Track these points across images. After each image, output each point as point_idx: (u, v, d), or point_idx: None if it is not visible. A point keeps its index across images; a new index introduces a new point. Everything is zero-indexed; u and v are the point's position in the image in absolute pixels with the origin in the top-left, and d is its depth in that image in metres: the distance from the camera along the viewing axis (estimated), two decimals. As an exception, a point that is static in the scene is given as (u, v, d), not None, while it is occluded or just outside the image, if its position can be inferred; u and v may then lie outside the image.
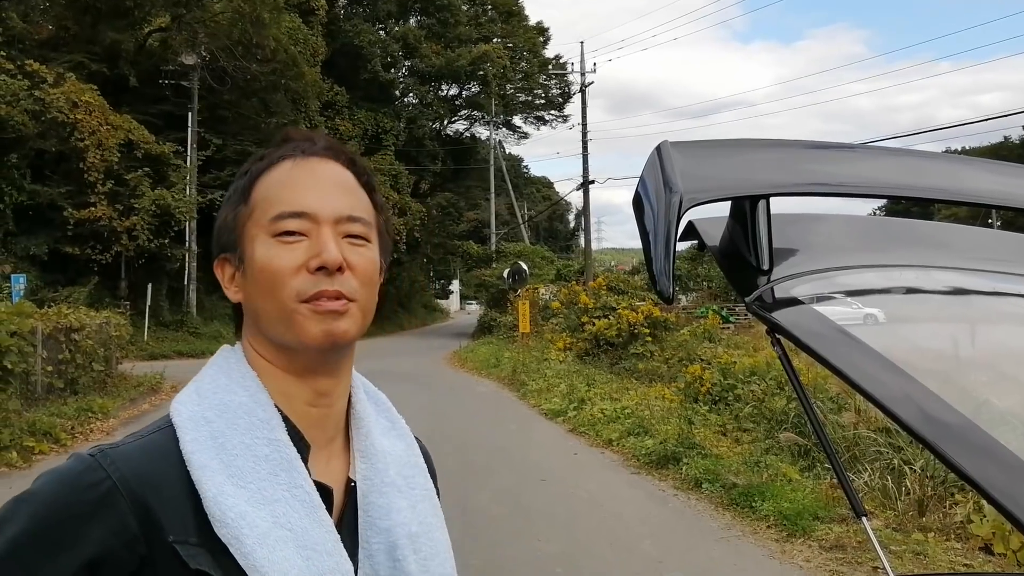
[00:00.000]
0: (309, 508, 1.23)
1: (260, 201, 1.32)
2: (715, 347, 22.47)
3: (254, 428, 1.25)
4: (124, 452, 1.22)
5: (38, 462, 12.98)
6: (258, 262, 1.28)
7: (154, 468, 1.20)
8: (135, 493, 1.17)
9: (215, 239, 1.38)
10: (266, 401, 1.29)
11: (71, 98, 30.95)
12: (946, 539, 8.37)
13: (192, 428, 1.24)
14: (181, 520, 1.17)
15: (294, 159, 1.34)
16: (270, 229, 1.29)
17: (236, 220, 1.34)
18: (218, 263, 1.38)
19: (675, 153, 1.36)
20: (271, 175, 1.34)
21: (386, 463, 1.40)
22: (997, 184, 1.61)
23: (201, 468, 1.19)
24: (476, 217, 79.57)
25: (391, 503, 1.36)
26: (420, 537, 1.38)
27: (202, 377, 1.34)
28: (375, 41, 58.12)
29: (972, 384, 1.50)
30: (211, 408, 1.27)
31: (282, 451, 1.25)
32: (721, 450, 12.50)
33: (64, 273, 32.50)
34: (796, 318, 1.34)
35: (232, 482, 1.20)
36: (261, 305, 1.30)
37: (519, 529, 9.24)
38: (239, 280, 1.34)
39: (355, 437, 1.40)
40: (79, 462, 1.20)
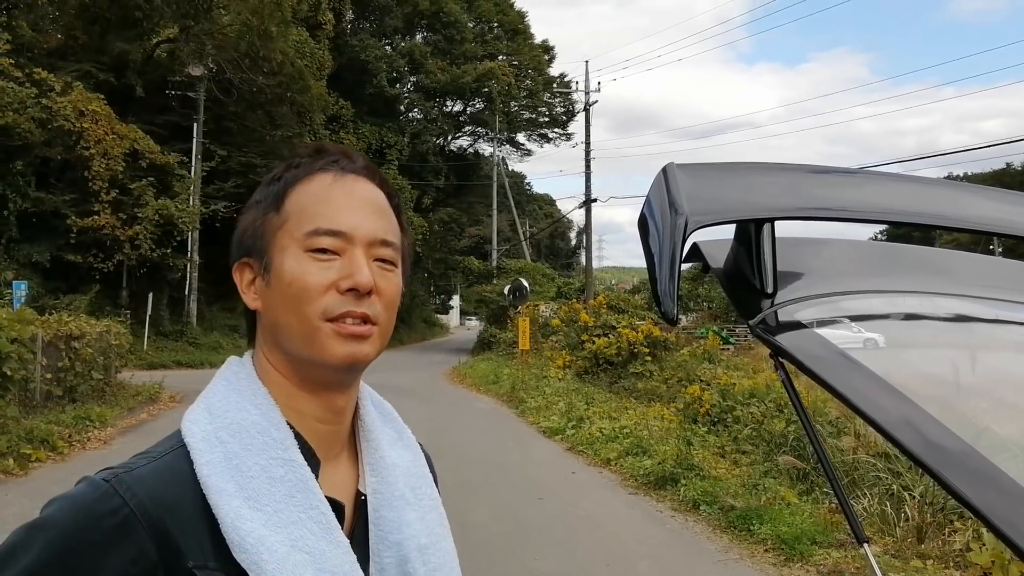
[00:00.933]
0: (326, 530, 1.22)
1: (295, 212, 1.30)
2: (715, 368, 22.44)
3: (268, 448, 1.24)
4: (139, 477, 1.19)
5: (35, 469, 12.98)
6: (288, 275, 1.27)
7: (170, 492, 1.18)
8: (153, 519, 1.15)
9: (236, 242, 1.37)
10: (279, 420, 1.27)
11: (78, 107, 31.01)
12: (945, 567, 8.35)
13: (206, 450, 1.22)
14: (199, 544, 1.16)
15: (333, 174, 1.33)
16: (304, 243, 1.28)
17: (265, 226, 1.32)
18: (238, 267, 1.36)
19: (681, 175, 1.37)
20: (307, 187, 1.32)
21: (395, 476, 1.39)
22: (999, 212, 1.61)
23: (218, 492, 1.18)
24: (478, 233, 79.64)
25: (401, 517, 1.36)
26: (429, 548, 1.38)
27: (212, 393, 1.32)
28: (381, 56, 58.31)
29: (972, 411, 1.51)
30: (224, 428, 1.25)
31: (297, 472, 1.24)
32: (719, 472, 12.48)
33: (66, 281, 32.50)
34: (799, 341, 1.34)
35: (248, 505, 1.19)
36: (284, 318, 1.28)
37: (516, 547, 9.23)
38: (260, 287, 1.32)
39: (364, 450, 1.40)
40: (94, 488, 1.17)
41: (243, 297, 1.35)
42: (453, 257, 64.96)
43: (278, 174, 1.36)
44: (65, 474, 12.66)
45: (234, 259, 1.37)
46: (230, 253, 1.38)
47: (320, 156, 1.36)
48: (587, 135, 50.87)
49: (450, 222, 67.16)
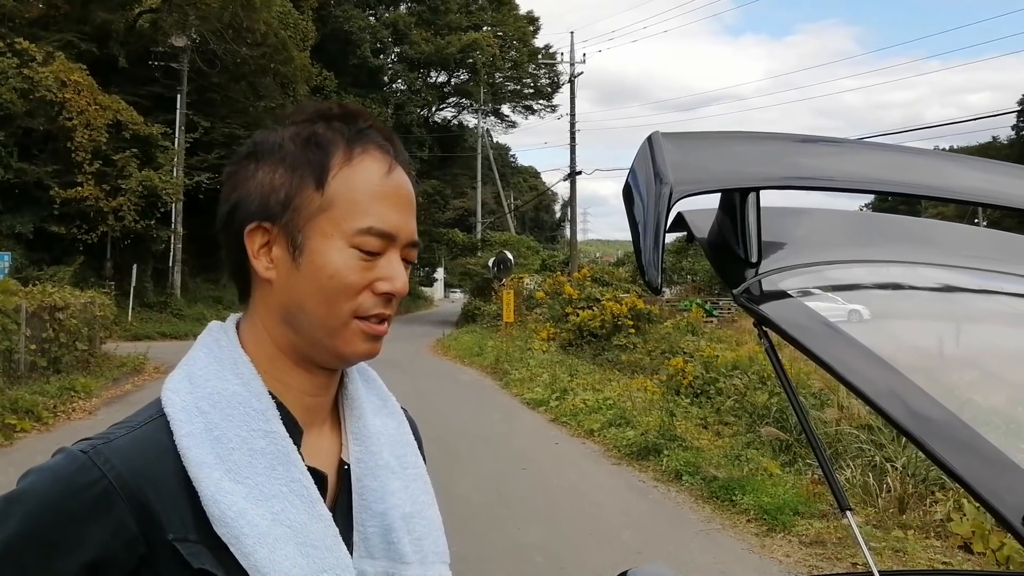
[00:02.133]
0: (308, 503, 1.21)
1: (344, 201, 1.24)
2: (698, 340, 22.46)
3: (249, 419, 1.21)
4: (117, 448, 1.16)
5: (20, 439, 12.96)
6: (330, 266, 1.23)
7: (149, 464, 1.16)
8: (132, 491, 1.13)
9: (254, 199, 1.27)
10: (260, 390, 1.25)
11: (60, 77, 30.83)
12: (926, 537, 8.40)
13: (186, 420, 1.19)
14: (180, 517, 1.15)
15: (385, 164, 1.27)
16: (352, 239, 1.23)
17: (301, 201, 1.25)
18: (254, 229, 1.27)
19: (666, 144, 1.36)
20: (356, 173, 1.25)
21: (379, 444, 1.37)
22: (984, 182, 1.61)
23: (198, 465, 1.16)
24: (462, 205, 79.42)
25: (385, 486, 1.34)
26: (414, 517, 1.36)
27: (193, 361, 1.28)
28: (365, 27, 58.07)
29: (956, 383, 1.51)
30: (204, 398, 1.22)
31: (278, 444, 1.22)
32: (702, 443, 12.51)
33: (49, 252, 32.44)
34: (783, 311, 1.34)
35: (229, 478, 1.17)
36: (311, 305, 1.24)
37: (499, 517, 9.26)
38: (281, 261, 1.26)
39: (348, 418, 1.37)
40: (71, 460, 1.15)
41: (253, 262, 1.27)
42: (437, 229, 64.73)
43: (316, 139, 1.27)
44: (50, 444, 12.51)
45: (247, 219, 1.27)
46: (227, 202, 1.30)
47: (354, 125, 1.29)
48: (572, 107, 50.80)
49: (434, 194, 66.92)
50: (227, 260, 1.33)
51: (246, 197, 1.28)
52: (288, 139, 1.28)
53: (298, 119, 1.31)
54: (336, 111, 1.31)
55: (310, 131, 1.28)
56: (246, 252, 1.27)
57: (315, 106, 1.33)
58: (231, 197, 1.29)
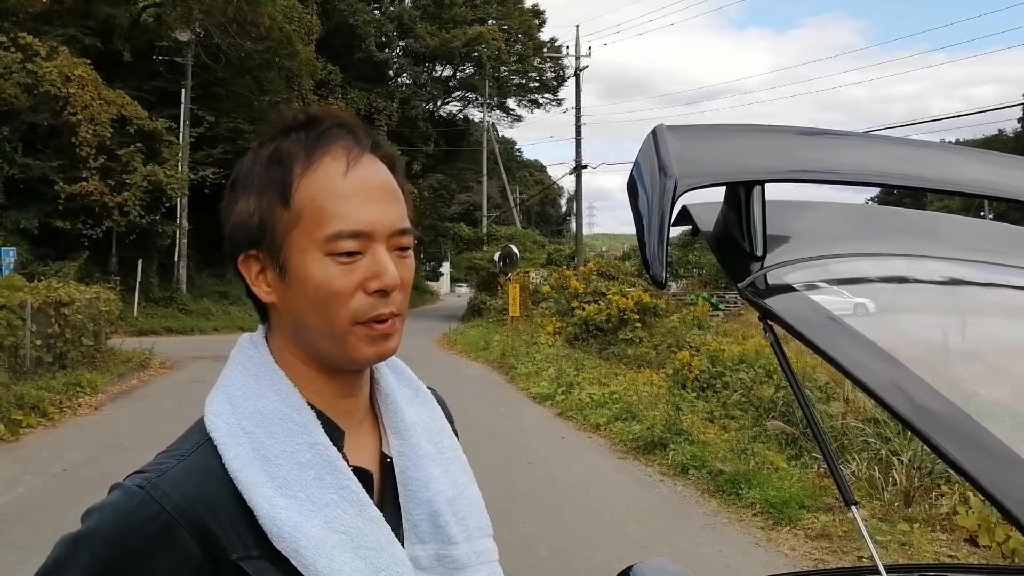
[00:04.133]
0: (358, 507, 1.24)
1: (309, 210, 1.23)
2: (704, 334, 22.43)
3: (293, 434, 1.24)
4: (171, 479, 1.19)
5: (26, 435, 12.98)
6: (312, 280, 1.23)
7: (204, 490, 1.19)
8: (192, 520, 1.16)
9: (239, 229, 1.29)
10: (299, 403, 1.27)
11: (64, 72, 30.82)
12: (931, 530, 8.40)
13: (232, 443, 1.22)
14: (240, 537, 1.18)
15: (343, 161, 1.26)
16: (325, 247, 1.23)
17: (274, 221, 1.25)
18: (244, 260, 1.29)
19: (671, 137, 1.36)
20: (317, 178, 1.25)
21: (417, 435, 1.41)
22: (989, 175, 1.61)
23: (250, 485, 1.19)
24: (468, 200, 79.49)
25: (428, 474, 1.38)
26: (457, 499, 1.41)
27: (230, 380, 1.30)
28: (370, 21, 57.99)
29: (961, 376, 1.51)
30: (247, 417, 1.25)
31: (323, 454, 1.24)
32: (708, 437, 12.50)
33: (54, 247, 32.45)
34: (789, 305, 1.34)
35: (281, 493, 1.20)
36: (310, 319, 1.26)
37: (505, 511, 9.25)
38: (275, 283, 1.28)
39: (384, 413, 1.41)
40: (130, 497, 1.17)
41: (254, 289, 1.30)
42: (443, 224, 64.79)
43: (277, 155, 1.27)
44: (56, 440, 12.66)
45: (237, 250, 1.30)
46: (225, 237, 1.32)
47: (316, 129, 1.28)
48: (577, 101, 50.85)
49: (440, 189, 67.00)
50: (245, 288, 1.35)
51: (233, 229, 1.30)
52: (256, 163, 1.30)
53: (265, 137, 1.32)
54: (299, 119, 1.31)
55: (272, 148, 1.29)
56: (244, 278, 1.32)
57: (282, 118, 1.33)
58: (225, 230, 1.32)
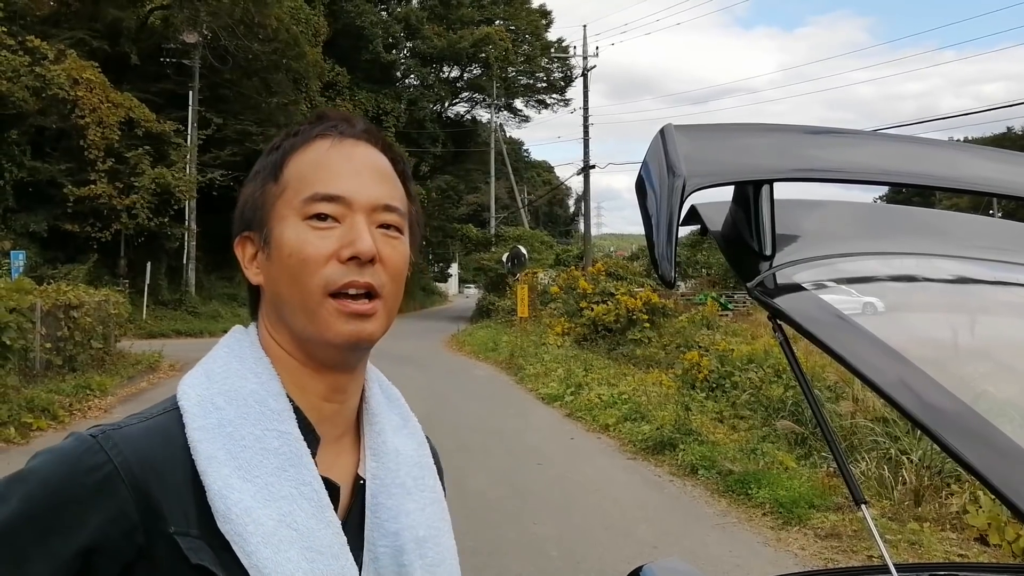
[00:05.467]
0: (317, 507, 1.19)
1: (292, 180, 1.26)
2: (713, 334, 22.40)
3: (264, 419, 1.20)
4: (127, 434, 1.16)
5: (36, 438, 13.00)
6: (287, 245, 1.23)
7: (158, 453, 1.16)
8: (137, 479, 1.12)
9: (238, 215, 1.33)
10: (278, 391, 1.24)
11: (72, 75, 30.89)
12: (941, 529, 8.39)
13: (200, 414, 1.19)
14: (183, 511, 1.14)
15: (331, 139, 1.29)
16: (302, 211, 1.23)
17: (264, 197, 1.28)
18: (239, 241, 1.32)
19: (679, 137, 1.36)
20: (305, 154, 1.28)
21: (397, 463, 1.35)
22: (998, 172, 1.60)
23: (208, 458, 1.15)
24: (476, 200, 79.48)
25: (400, 505, 1.32)
26: (427, 542, 1.33)
27: (213, 359, 1.28)
28: (377, 22, 58.06)
29: (970, 374, 1.50)
30: (221, 393, 1.21)
31: (292, 445, 1.20)
32: (718, 437, 12.50)
33: (63, 250, 32.52)
34: (798, 304, 1.33)
35: (239, 475, 1.15)
36: (285, 292, 1.24)
37: (515, 512, 9.26)
38: (262, 261, 1.28)
39: (367, 434, 1.35)
40: (80, 442, 1.15)
41: (245, 272, 1.31)
42: (451, 225, 64.75)
43: (277, 143, 1.32)
44: (65, 443, 12.68)
45: (235, 233, 1.32)
46: (231, 226, 1.33)
47: (319, 122, 1.31)
48: (585, 101, 50.74)
49: (448, 189, 66.94)
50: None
51: (235, 216, 1.34)
52: (262, 157, 1.35)
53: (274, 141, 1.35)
54: (309, 119, 1.35)
55: (278, 143, 1.33)
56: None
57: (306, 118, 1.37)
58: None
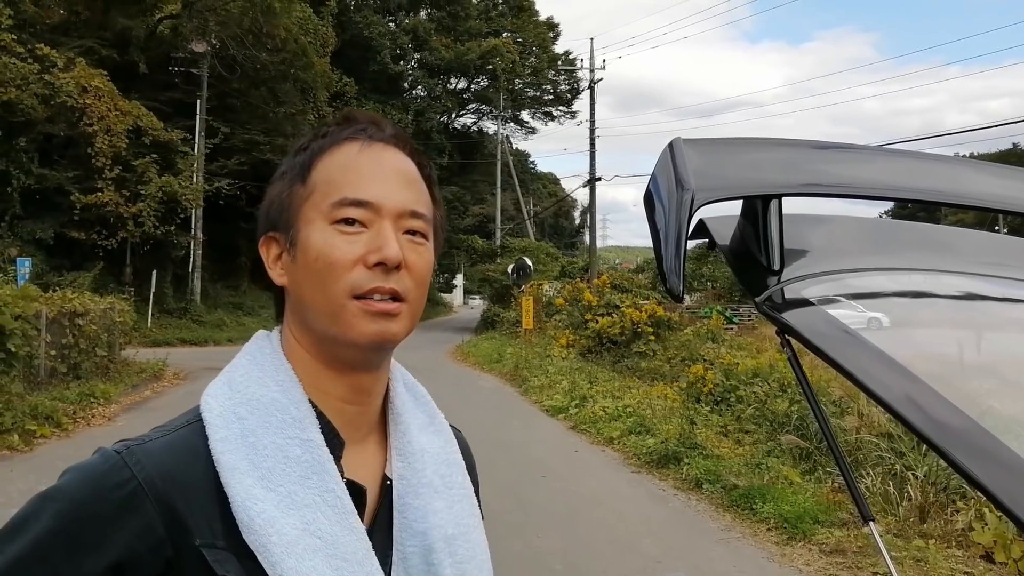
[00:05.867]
0: (340, 514, 1.19)
1: (321, 183, 1.26)
2: (718, 348, 22.41)
3: (286, 427, 1.20)
4: (150, 449, 1.17)
5: (40, 445, 13.03)
6: (313, 249, 1.23)
7: (181, 467, 1.16)
8: (161, 494, 1.13)
9: (263, 215, 1.32)
10: (300, 397, 1.24)
11: (81, 83, 31.00)
12: (947, 546, 8.36)
13: (222, 425, 1.19)
14: (208, 522, 1.14)
15: (360, 142, 1.28)
16: (329, 215, 1.23)
17: (291, 199, 1.28)
18: (264, 241, 1.31)
19: (688, 150, 1.36)
20: (334, 156, 1.28)
21: (424, 462, 1.35)
22: (1004, 188, 1.60)
23: (231, 470, 1.15)
24: (481, 212, 79.55)
25: (428, 505, 1.31)
26: (457, 539, 1.33)
27: (235, 368, 1.28)
28: (385, 33, 58.26)
29: (976, 390, 1.50)
30: (242, 403, 1.22)
31: (314, 452, 1.20)
32: (722, 451, 12.49)
33: (69, 258, 32.57)
34: (806, 319, 1.33)
35: (262, 485, 1.16)
36: (310, 294, 1.24)
37: (519, 524, 9.25)
38: (287, 263, 1.28)
39: (393, 433, 1.35)
40: (104, 459, 1.16)
41: (269, 273, 1.30)
42: (457, 236, 64.69)
43: (305, 143, 1.32)
44: (70, 450, 12.69)
45: (260, 233, 1.32)
46: (251, 230, 1.35)
47: (348, 124, 1.31)
48: (592, 113, 50.75)
49: (454, 200, 66.96)
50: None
51: (259, 216, 1.33)
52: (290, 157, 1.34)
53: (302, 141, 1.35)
54: (337, 120, 1.35)
55: (307, 142, 1.32)
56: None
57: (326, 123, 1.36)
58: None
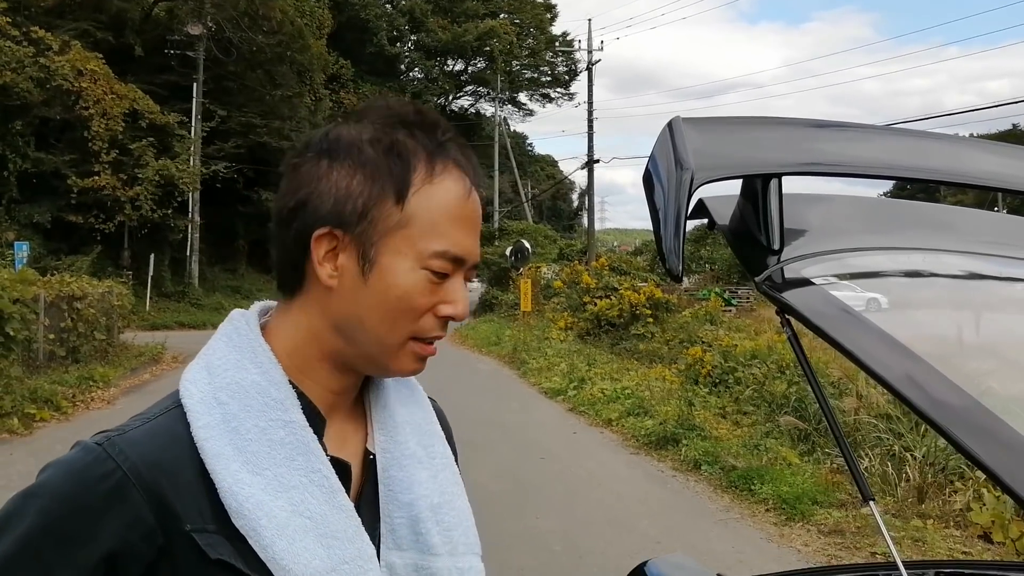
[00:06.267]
0: (328, 493, 1.19)
1: (423, 221, 1.21)
2: (716, 329, 22.36)
3: (268, 410, 1.19)
4: (132, 439, 1.16)
5: (39, 428, 13.03)
6: (399, 286, 1.20)
7: (165, 454, 1.15)
8: (147, 482, 1.12)
9: (322, 201, 1.21)
10: (280, 379, 1.22)
11: (76, 66, 30.95)
12: (945, 526, 8.37)
13: (204, 411, 1.18)
14: (197, 507, 1.14)
15: (464, 185, 1.25)
16: (426, 261, 1.20)
17: (378, 213, 1.20)
18: (324, 236, 1.21)
19: (687, 129, 1.35)
20: (437, 193, 1.22)
21: (406, 434, 1.35)
22: (1003, 167, 1.60)
23: (215, 456, 1.15)
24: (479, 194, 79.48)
25: (412, 476, 1.32)
26: (442, 507, 1.34)
27: (212, 350, 1.26)
28: (381, 15, 58.16)
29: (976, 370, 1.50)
30: (222, 388, 1.20)
31: (298, 434, 1.19)
32: (721, 432, 12.48)
33: (67, 241, 32.59)
34: (806, 298, 1.33)
35: (248, 469, 1.15)
36: (373, 320, 1.22)
37: (518, 506, 9.26)
38: (348, 271, 1.21)
39: (374, 407, 1.35)
40: (86, 452, 1.15)
41: (317, 268, 1.22)
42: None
43: (396, 148, 1.23)
44: (69, 434, 12.65)
45: (318, 221, 1.21)
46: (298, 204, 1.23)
47: (432, 135, 1.26)
48: (590, 95, 50.62)
49: (452, 183, 66.91)
50: (279, 254, 1.27)
51: (317, 198, 1.22)
52: (367, 143, 1.23)
53: (376, 120, 1.26)
54: (415, 117, 1.28)
55: (391, 138, 1.23)
56: (306, 252, 1.23)
57: (390, 106, 1.29)
58: (298, 193, 1.23)
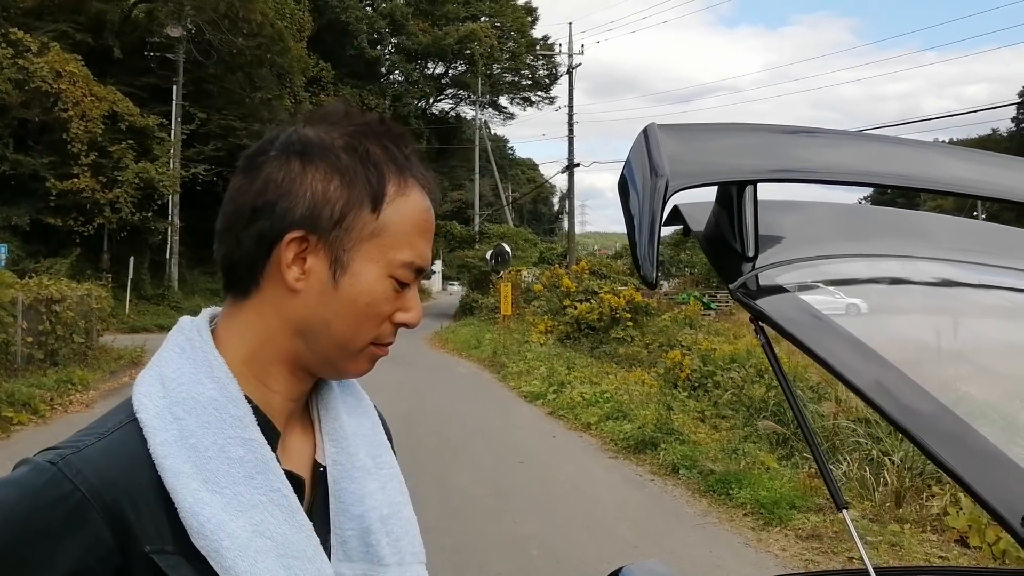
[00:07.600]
0: (288, 513, 1.18)
1: (396, 232, 1.23)
2: (695, 333, 22.42)
3: (226, 427, 1.17)
4: (87, 456, 1.11)
5: (17, 432, 12.96)
6: (368, 293, 1.22)
7: (123, 474, 1.12)
8: (107, 504, 1.09)
9: (295, 204, 1.20)
10: (237, 395, 1.19)
11: (55, 68, 30.81)
12: (922, 531, 8.40)
13: (161, 428, 1.14)
14: (156, 528, 1.11)
15: (426, 198, 1.29)
16: (393, 269, 1.23)
17: (354, 221, 1.21)
18: (296, 239, 1.20)
19: (662, 136, 1.35)
20: (408, 205, 1.25)
21: (356, 446, 1.35)
22: (980, 174, 1.60)
23: (175, 474, 1.12)
24: (460, 198, 79.47)
25: (363, 488, 1.32)
26: (391, 518, 1.34)
27: (165, 361, 1.22)
28: (362, 17, 58.14)
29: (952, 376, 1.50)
30: (179, 403, 1.17)
31: (257, 452, 1.17)
32: (699, 436, 12.49)
33: (46, 244, 32.46)
34: (780, 306, 1.33)
35: (207, 488, 1.13)
36: (338, 325, 1.23)
37: (496, 510, 9.25)
38: (315, 272, 1.22)
39: (323, 419, 1.35)
40: (39, 473, 1.10)
41: (284, 271, 1.20)
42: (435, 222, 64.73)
43: (369, 156, 1.24)
44: (47, 437, 12.61)
45: (291, 224, 1.20)
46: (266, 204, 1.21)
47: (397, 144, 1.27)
48: (570, 98, 50.66)
49: (432, 186, 66.92)
50: (233, 254, 1.24)
51: (289, 200, 1.21)
52: (341, 148, 1.23)
53: (343, 126, 1.26)
54: (381, 126, 1.29)
55: (365, 147, 1.24)
56: (268, 253, 1.21)
57: (356, 115, 1.29)
58: (265, 193, 1.21)
